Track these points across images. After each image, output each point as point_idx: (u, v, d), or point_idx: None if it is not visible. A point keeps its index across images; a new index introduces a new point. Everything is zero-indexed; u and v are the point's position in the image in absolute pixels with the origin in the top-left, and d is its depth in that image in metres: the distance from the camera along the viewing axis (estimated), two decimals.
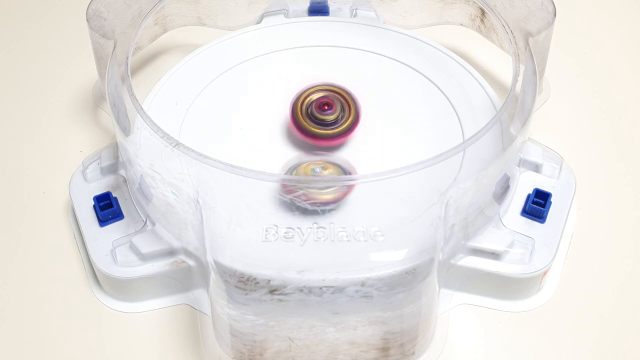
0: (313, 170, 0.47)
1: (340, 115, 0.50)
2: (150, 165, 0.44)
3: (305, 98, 0.50)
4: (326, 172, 0.46)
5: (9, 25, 0.66)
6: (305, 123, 0.49)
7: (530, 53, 0.49)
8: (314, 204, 0.44)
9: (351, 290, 0.41)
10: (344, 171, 0.47)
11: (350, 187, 0.45)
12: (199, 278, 0.47)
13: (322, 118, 0.49)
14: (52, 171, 0.55)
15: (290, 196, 0.44)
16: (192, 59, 0.56)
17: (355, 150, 0.50)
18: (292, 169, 0.47)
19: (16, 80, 0.62)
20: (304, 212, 0.44)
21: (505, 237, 0.47)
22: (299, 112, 0.50)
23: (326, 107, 0.49)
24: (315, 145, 0.50)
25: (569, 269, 0.50)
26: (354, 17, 0.60)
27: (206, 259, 0.42)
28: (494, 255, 0.46)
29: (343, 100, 0.50)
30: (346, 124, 0.50)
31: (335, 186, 0.44)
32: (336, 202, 0.45)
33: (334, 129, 0.49)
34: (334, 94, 0.51)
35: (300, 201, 0.44)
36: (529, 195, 0.49)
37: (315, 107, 0.50)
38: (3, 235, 0.52)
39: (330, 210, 0.45)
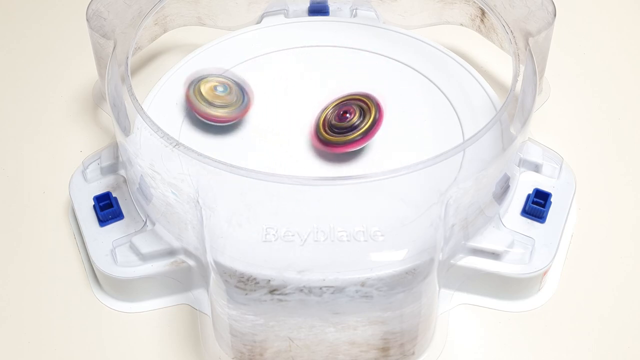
0: (215, 89, 0.51)
1: (360, 120, 0.49)
2: (150, 165, 0.44)
3: (325, 116, 0.50)
4: (227, 93, 0.51)
5: (9, 25, 0.66)
6: (328, 136, 0.49)
7: (530, 53, 0.49)
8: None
9: (351, 290, 0.41)
10: (242, 90, 0.51)
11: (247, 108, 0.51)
12: (199, 278, 0.47)
13: (343, 125, 0.49)
14: (52, 171, 0.55)
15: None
16: (192, 59, 0.56)
17: (355, 150, 0.50)
18: (195, 83, 0.51)
19: (16, 80, 0.62)
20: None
21: (505, 237, 0.47)
22: (322, 130, 0.50)
23: (346, 115, 0.49)
24: (336, 154, 0.50)
25: (569, 269, 0.50)
26: (354, 17, 0.60)
27: (206, 259, 0.42)
28: (494, 255, 0.46)
29: (363, 104, 0.50)
30: (366, 126, 0.49)
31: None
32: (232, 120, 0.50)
33: (353, 133, 0.49)
34: (353, 101, 0.50)
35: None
36: (529, 195, 0.49)
37: (335, 118, 0.50)
38: (3, 235, 0.52)
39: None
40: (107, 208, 0.49)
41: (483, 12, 0.56)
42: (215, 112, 0.50)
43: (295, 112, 0.53)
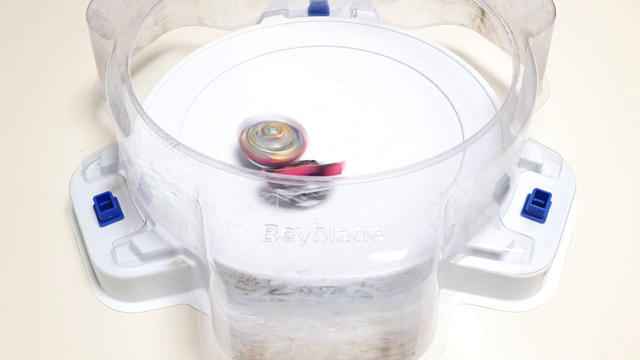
0: (267, 130, 0.49)
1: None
2: (150, 165, 0.44)
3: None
4: (280, 134, 0.49)
5: (9, 25, 0.66)
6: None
7: (530, 53, 0.49)
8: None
9: (351, 290, 0.41)
10: (295, 130, 0.49)
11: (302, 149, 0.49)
12: (199, 278, 0.47)
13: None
14: (52, 171, 0.55)
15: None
16: (192, 59, 0.56)
17: (355, 151, 0.50)
18: (246, 130, 0.49)
19: (16, 80, 0.62)
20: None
21: (505, 237, 0.47)
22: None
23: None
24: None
25: (569, 269, 0.50)
26: (354, 17, 0.60)
27: (206, 259, 0.42)
28: (494, 255, 0.46)
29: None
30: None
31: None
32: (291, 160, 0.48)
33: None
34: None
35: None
36: (529, 195, 0.49)
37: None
38: (3, 235, 0.52)
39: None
40: (107, 208, 0.49)
41: (483, 12, 0.56)
42: (274, 155, 0.48)
43: (295, 112, 0.53)
